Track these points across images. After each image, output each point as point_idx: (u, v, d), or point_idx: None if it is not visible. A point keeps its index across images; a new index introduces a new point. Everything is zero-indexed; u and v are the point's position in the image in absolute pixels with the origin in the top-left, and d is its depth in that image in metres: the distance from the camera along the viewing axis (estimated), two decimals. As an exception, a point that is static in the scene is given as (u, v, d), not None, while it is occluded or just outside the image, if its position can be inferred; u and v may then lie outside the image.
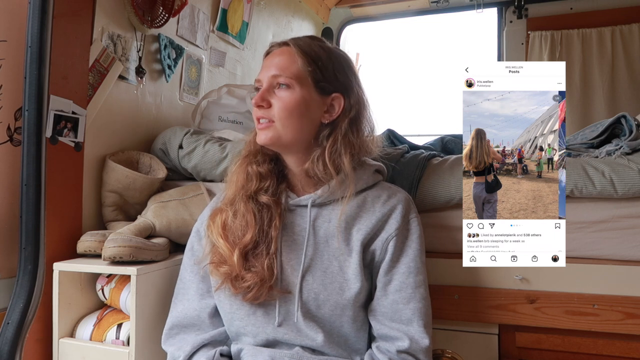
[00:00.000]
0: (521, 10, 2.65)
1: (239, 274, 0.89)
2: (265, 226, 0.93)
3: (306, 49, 0.94)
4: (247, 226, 0.92)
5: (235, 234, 0.93)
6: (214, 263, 0.92)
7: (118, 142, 1.43)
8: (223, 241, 0.92)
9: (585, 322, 1.04)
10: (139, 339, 1.03)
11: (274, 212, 0.94)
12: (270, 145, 0.95)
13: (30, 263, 1.08)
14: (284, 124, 0.92)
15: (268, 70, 0.94)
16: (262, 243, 0.92)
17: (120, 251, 1.03)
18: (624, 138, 1.17)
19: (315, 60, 0.93)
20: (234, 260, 0.89)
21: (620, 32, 2.52)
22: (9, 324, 1.04)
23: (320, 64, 0.94)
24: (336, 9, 2.99)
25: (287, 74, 0.92)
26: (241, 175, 0.98)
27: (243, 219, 0.93)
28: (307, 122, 0.94)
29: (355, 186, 0.95)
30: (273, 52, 0.97)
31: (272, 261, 0.90)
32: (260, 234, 0.92)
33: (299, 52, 0.93)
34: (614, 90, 2.52)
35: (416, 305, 0.91)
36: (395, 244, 0.93)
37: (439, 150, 1.47)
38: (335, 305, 0.89)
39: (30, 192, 1.08)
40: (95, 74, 1.33)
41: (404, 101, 3.61)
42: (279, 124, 0.92)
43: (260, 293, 0.88)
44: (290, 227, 0.95)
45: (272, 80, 0.93)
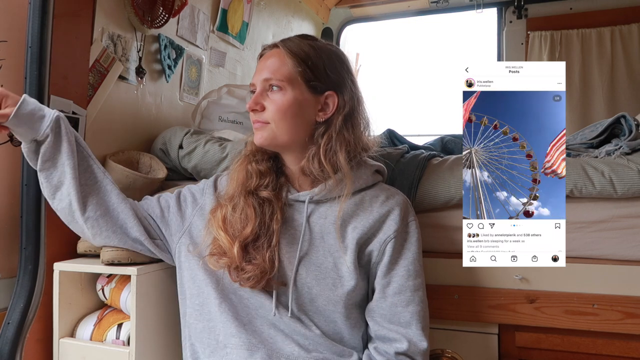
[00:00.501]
0: (521, 10, 2.66)
1: (239, 265, 0.91)
2: (267, 219, 0.94)
3: (295, 49, 0.95)
4: (247, 219, 0.93)
5: (235, 227, 0.94)
6: (214, 255, 0.93)
7: (118, 142, 1.43)
8: (223, 234, 0.93)
9: (584, 322, 1.04)
10: (139, 338, 1.04)
11: (275, 206, 0.95)
12: (266, 145, 0.96)
13: (31, 263, 1.08)
14: (278, 126, 0.93)
15: (260, 74, 0.95)
16: (263, 236, 0.93)
17: (118, 255, 1.03)
18: (624, 138, 1.17)
19: (304, 60, 0.94)
20: (234, 252, 0.91)
21: (619, 32, 2.53)
22: (9, 324, 1.04)
23: (310, 63, 0.94)
24: (336, 9, 2.99)
25: (278, 77, 0.93)
26: (241, 173, 0.99)
27: (243, 212, 0.94)
28: (302, 122, 0.95)
29: (354, 185, 0.96)
30: (265, 55, 0.98)
31: (273, 253, 0.92)
32: (261, 226, 0.94)
33: (288, 54, 0.94)
34: (614, 90, 2.52)
35: (415, 308, 0.92)
36: (393, 246, 0.93)
37: (439, 150, 1.47)
38: (327, 300, 0.91)
39: (31, 192, 1.08)
40: (96, 74, 1.33)
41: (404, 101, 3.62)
42: (273, 125, 0.94)
43: (259, 282, 0.90)
44: (288, 222, 0.96)
45: (264, 83, 0.95)
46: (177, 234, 1.01)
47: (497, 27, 2.81)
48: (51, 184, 0.98)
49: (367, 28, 3.24)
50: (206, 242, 0.97)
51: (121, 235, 1.00)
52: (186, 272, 0.98)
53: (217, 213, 0.97)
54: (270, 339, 0.91)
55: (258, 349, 0.89)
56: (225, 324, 0.91)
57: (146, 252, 1.03)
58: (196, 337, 0.95)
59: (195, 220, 1.01)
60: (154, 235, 1.03)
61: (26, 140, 0.95)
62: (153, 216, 1.04)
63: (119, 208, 1.01)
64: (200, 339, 0.94)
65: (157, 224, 1.03)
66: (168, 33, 1.66)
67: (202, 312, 0.94)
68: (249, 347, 0.89)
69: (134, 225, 1.00)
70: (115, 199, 1.02)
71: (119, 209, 1.01)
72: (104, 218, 1.00)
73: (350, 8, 2.98)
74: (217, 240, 0.94)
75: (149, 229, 1.02)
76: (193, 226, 1.01)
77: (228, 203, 0.97)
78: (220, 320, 0.92)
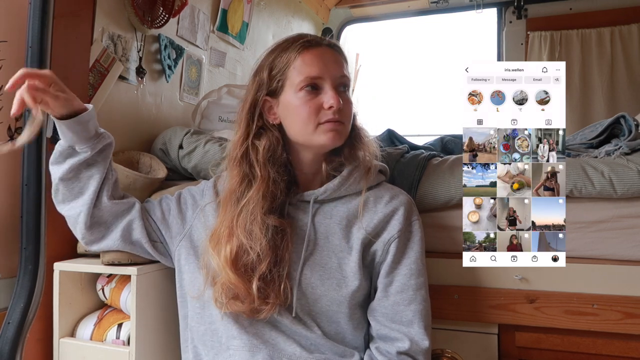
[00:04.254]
0: (521, 10, 2.66)
1: (255, 307, 0.87)
2: (279, 251, 0.90)
3: (343, 52, 0.96)
4: (263, 254, 0.87)
5: (249, 264, 0.87)
6: (228, 300, 0.88)
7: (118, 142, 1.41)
8: (235, 276, 0.86)
9: (584, 322, 1.04)
10: (140, 338, 1.04)
11: (288, 232, 0.91)
12: (336, 146, 0.94)
13: (31, 263, 1.08)
14: (347, 128, 0.94)
15: (333, 70, 0.91)
16: (274, 269, 0.89)
17: (118, 255, 1.03)
18: (623, 138, 1.17)
19: (347, 62, 0.96)
20: (251, 293, 0.85)
21: (619, 32, 2.53)
22: (9, 323, 1.04)
23: (347, 70, 0.96)
24: (336, 9, 2.99)
25: (348, 75, 0.94)
26: (256, 195, 0.90)
27: (260, 248, 0.87)
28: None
29: (359, 184, 0.96)
30: (321, 52, 0.92)
31: (286, 285, 0.88)
32: (275, 260, 0.89)
33: (342, 54, 0.96)
34: (613, 91, 2.53)
35: (417, 307, 0.92)
36: (397, 246, 0.93)
37: (439, 150, 1.47)
38: (331, 301, 0.90)
39: (31, 192, 1.08)
40: (96, 74, 1.33)
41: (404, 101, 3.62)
42: (347, 126, 0.94)
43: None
44: (293, 222, 0.95)
45: (339, 80, 0.93)
46: (178, 237, 1.00)
47: (497, 27, 2.81)
48: (68, 192, 0.96)
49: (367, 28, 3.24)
50: (203, 276, 0.92)
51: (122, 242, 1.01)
52: (186, 276, 0.98)
53: (224, 249, 0.88)
54: (272, 340, 0.90)
55: (260, 350, 0.89)
56: (226, 326, 0.91)
57: (145, 255, 1.03)
58: (199, 340, 0.95)
59: (196, 223, 1.00)
60: (155, 237, 1.02)
61: (66, 141, 0.93)
62: (154, 218, 1.03)
63: (123, 224, 1.00)
64: (203, 342, 0.94)
65: (158, 226, 1.02)
66: (168, 33, 1.66)
67: (204, 315, 0.94)
68: (250, 349, 0.89)
69: (137, 227, 1.00)
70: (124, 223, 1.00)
71: (122, 224, 1.00)
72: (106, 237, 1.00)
73: (350, 8, 2.98)
74: (224, 281, 0.87)
75: (150, 232, 1.02)
76: (193, 229, 1.00)
77: (244, 238, 0.87)
78: (221, 323, 0.92)
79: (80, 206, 0.96)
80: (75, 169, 0.94)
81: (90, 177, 0.96)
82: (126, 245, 1.00)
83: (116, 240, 0.99)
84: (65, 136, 0.92)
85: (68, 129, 0.90)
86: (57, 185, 0.97)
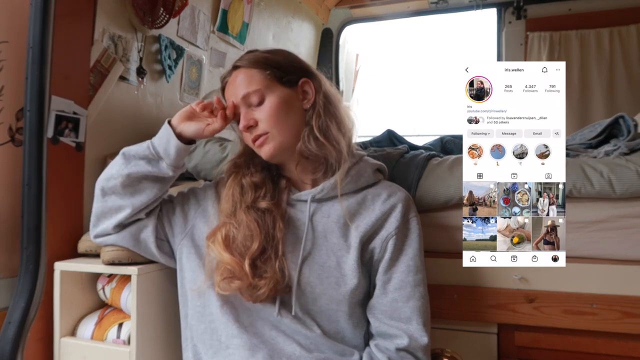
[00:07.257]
0: (520, 11, 2.66)
1: (252, 283, 0.89)
2: (270, 230, 0.93)
3: (253, 60, 0.98)
4: (252, 235, 0.91)
5: (241, 245, 0.92)
6: (224, 279, 0.90)
7: (119, 142, 1.43)
8: (229, 255, 0.90)
9: (584, 322, 1.05)
10: (140, 338, 1.04)
11: (276, 215, 0.94)
12: (276, 155, 0.95)
13: (32, 263, 1.08)
14: (278, 129, 0.94)
15: (235, 95, 0.96)
16: (269, 247, 0.92)
17: (118, 255, 1.03)
18: (622, 138, 1.18)
19: (267, 64, 0.97)
20: (245, 271, 0.89)
21: (618, 33, 2.53)
22: (10, 323, 1.05)
23: (273, 63, 0.97)
24: (336, 9, 3.00)
25: (254, 87, 0.95)
26: (236, 189, 0.97)
27: (247, 229, 0.92)
28: (294, 117, 0.96)
29: (357, 183, 0.97)
30: (229, 81, 1.00)
31: (282, 263, 0.90)
32: (267, 239, 0.92)
33: (249, 66, 0.97)
34: (612, 91, 2.53)
35: (415, 303, 0.92)
36: (395, 243, 0.94)
37: (438, 150, 1.47)
38: (330, 300, 0.91)
39: (32, 192, 1.08)
40: (96, 74, 1.34)
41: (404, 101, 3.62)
42: (274, 131, 0.94)
43: (274, 295, 0.90)
44: (291, 222, 0.96)
45: (244, 100, 0.95)
46: (180, 235, 1.01)
47: (497, 27, 2.81)
48: (123, 189, 0.97)
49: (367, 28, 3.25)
50: (208, 267, 0.95)
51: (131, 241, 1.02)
52: (187, 274, 0.98)
53: (217, 236, 0.93)
54: (271, 340, 0.91)
55: (259, 349, 0.89)
56: (226, 325, 0.91)
57: (147, 255, 1.03)
58: (198, 339, 0.95)
59: (198, 223, 1.01)
60: (161, 236, 1.03)
61: (165, 155, 0.97)
62: (164, 217, 1.03)
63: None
64: (203, 340, 0.94)
65: (164, 224, 1.03)
66: (168, 33, 1.66)
67: (204, 314, 0.94)
68: (250, 348, 0.89)
69: (149, 225, 1.01)
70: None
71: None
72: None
73: (350, 8, 2.98)
74: (221, 263, 0.91)
75: (158, 230, 1.02)
76: (195, 228, 1.01)
77: (228, 220, 0.94)
78: (221, 322, 0.92)
79: (127, 205, 0.97)
80: (146, 177, 0.97)
81: (152, 189, 0.98)
82: (131, 242, 1.01)
83: (124, 237, 1.00)
84: (168, 152, 0.96)
85: (176, 148, 0.96)
86: (122, 174, 0.96)
